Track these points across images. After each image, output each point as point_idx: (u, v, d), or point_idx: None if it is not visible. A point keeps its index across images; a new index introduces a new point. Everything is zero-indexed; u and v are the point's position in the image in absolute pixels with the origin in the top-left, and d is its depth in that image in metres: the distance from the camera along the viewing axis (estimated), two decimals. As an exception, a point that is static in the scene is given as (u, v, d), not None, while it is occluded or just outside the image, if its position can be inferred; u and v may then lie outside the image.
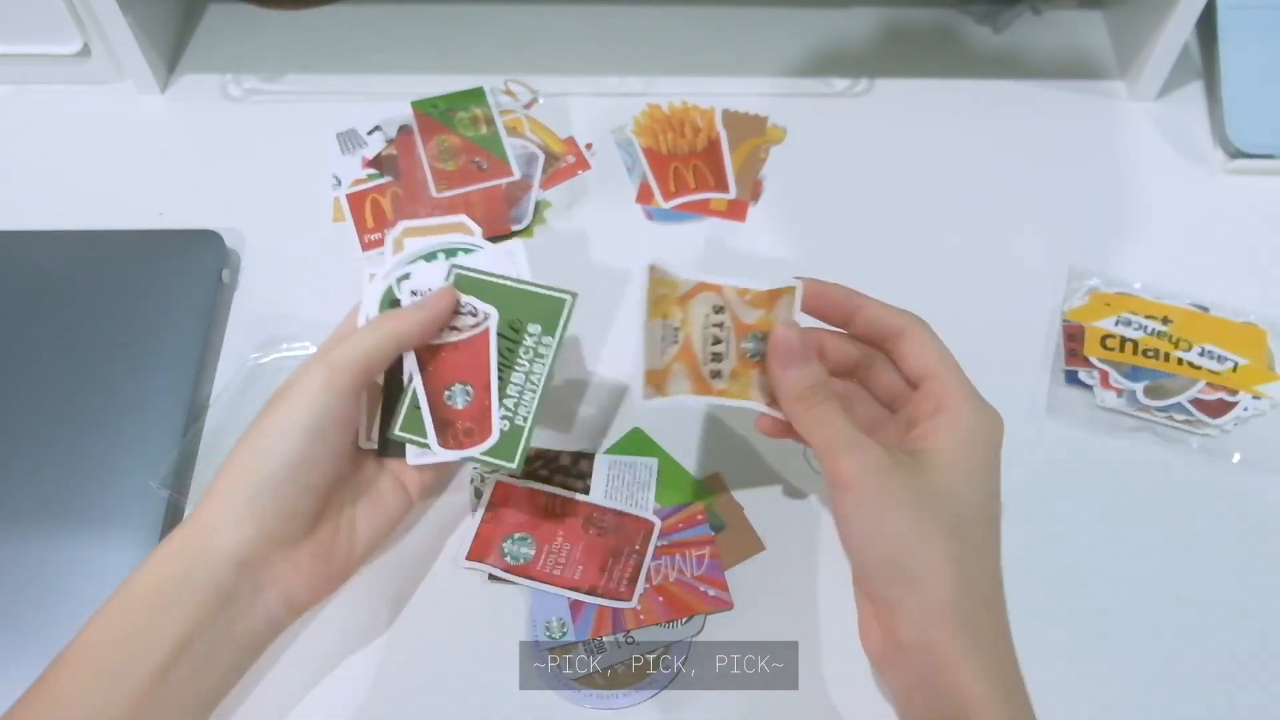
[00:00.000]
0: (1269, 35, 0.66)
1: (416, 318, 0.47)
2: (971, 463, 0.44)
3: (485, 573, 0.51)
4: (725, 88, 0.69)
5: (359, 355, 0.45)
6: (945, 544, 0.41)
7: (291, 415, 0.44)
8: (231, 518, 0.42)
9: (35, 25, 0.65)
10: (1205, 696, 0.48)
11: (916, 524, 0.42)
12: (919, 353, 0.46)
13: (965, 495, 0.43)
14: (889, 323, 0.47)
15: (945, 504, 0.42)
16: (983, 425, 0.44)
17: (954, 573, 0.41)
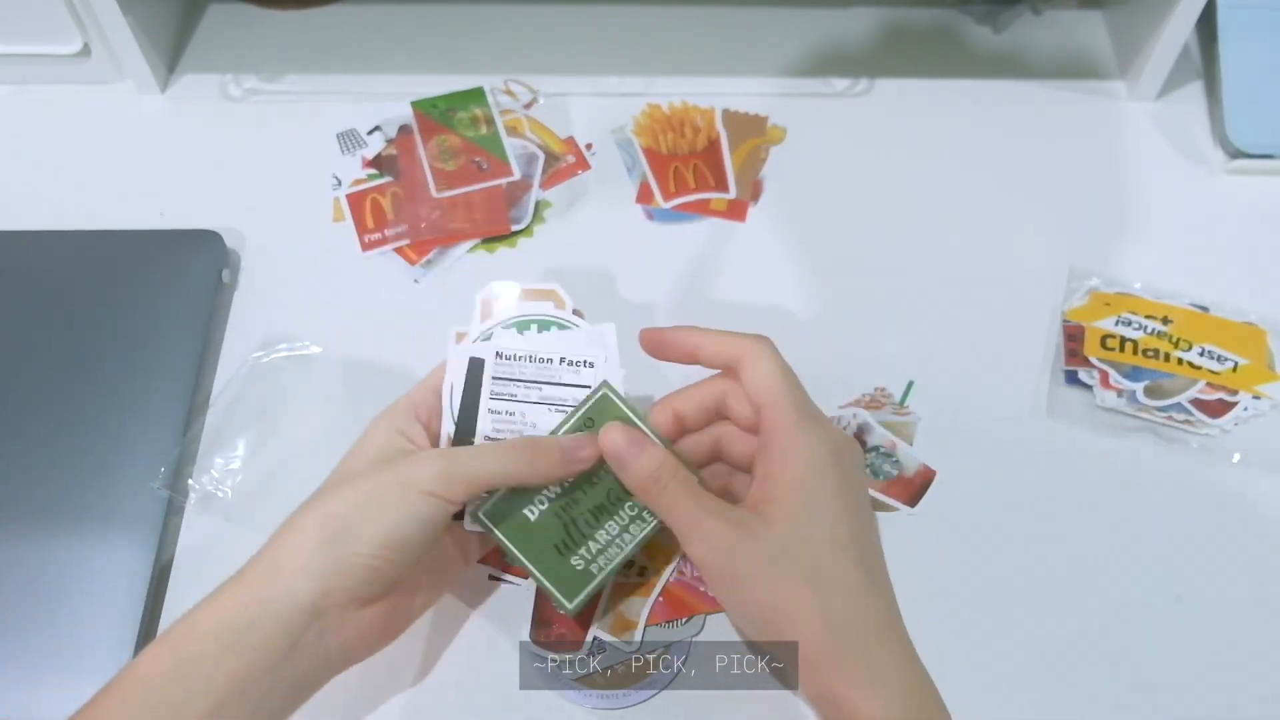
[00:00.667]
0: (1269, 35, 0.66)
1: (558, 474, 0.45)
2: (810, 496, 0.43)
3: (485, 573, 0.51)
4: (725, 88, 0.69)
5: (484, 479, 0.44)
6: (802, 596, 0.41)
7: (407, 500, 0.42)
8: (317, 569, 0.41)
9: (35, 25, 0.65)
10: (1206, 696, 0.48)
11: (768, 587, 0.41)
12: (755, 379, 0.45)
13: (811, 535, 0.42)
14: (728, 353, 0.46)
15: (792, 554, 0.42)
16: (814, 450, 0.43)
17: (820, 621, 0.41)
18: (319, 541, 0.42)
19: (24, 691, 0.47)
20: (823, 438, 0.44)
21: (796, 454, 0.43)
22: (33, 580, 0.50)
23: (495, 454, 0.44)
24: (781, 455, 0.43)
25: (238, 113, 0.69)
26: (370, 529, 0.42)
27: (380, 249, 0.62)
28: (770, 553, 0.42)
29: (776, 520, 0.42)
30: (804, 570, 0.42)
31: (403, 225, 0.63)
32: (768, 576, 0.42)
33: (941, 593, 0.51)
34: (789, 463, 0.43)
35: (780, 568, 0.41)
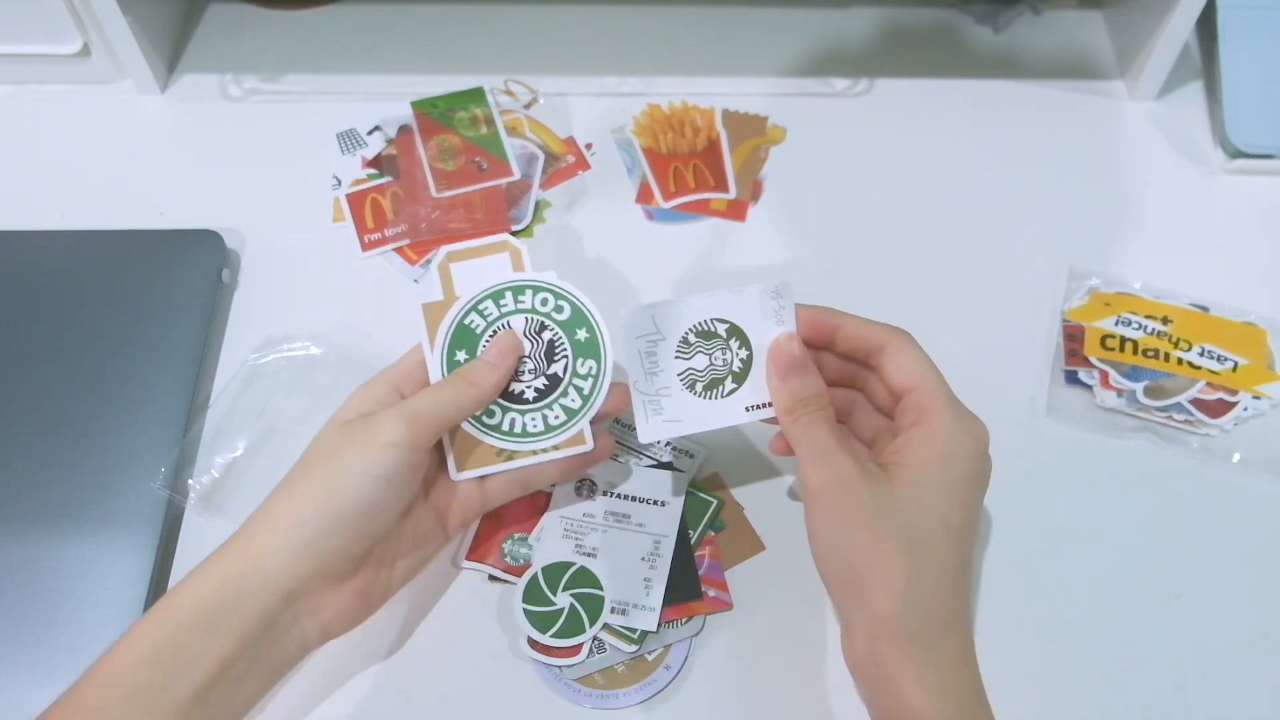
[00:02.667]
0: (1269, 35, 0.66)
1: (494, 380, 0.47)
2: (942, 475, 0.43)
3: (485, 573, 0.51)
4: (725, 88, 0.69)
5: (441, 415, 0.45)
6: (898, 559, 0.42)
7: (370, 459, 0.43)
8: (290, 551, 0.42)
9: (35, 25, 0.65)
10: (1206, 696, 0.48)
11: (870, 538, 0.42)
12: (899, 366, 0.46)
13: (929, 509, 0.43)
14: (871, 339, 0.47)
15: (905, 518, 0.42)
16: (960, 438, 0.44)
17: (904, 589, 0.41)
18: (290, 522, 0.42)
19: (24, 691, 0.47)
20: (973, 433, 0.45)
21: (945, 433, 0.44)
22: (33, 580, 0.50)
23: (444, 391, 0.46)
24: (929, 428, 0.44)
25: (238, 113, 0.69)
26: (337, 502, 0.43)
27: (380, 249, 0.62)
28: (884, 507, 0.42)
29: (902, 482, 0.43)
30: (907, 538, 0.42)
31: (403, 225, 0.63)
32: (871, 528, 0.42)
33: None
34: (935, 437, 0.44)
35: (888, 525, 0.42)
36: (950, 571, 0.43)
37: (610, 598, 0.49)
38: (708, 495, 0.53)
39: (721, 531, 0.52)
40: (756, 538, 0.52)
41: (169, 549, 0.52)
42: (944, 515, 0.43)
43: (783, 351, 0.46)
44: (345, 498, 0.43)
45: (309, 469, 0.44)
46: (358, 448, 0.43)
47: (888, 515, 0.42)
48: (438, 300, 0.49)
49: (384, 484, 0.43)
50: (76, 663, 0.42)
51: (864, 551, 0.42)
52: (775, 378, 0.46)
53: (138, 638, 0.41)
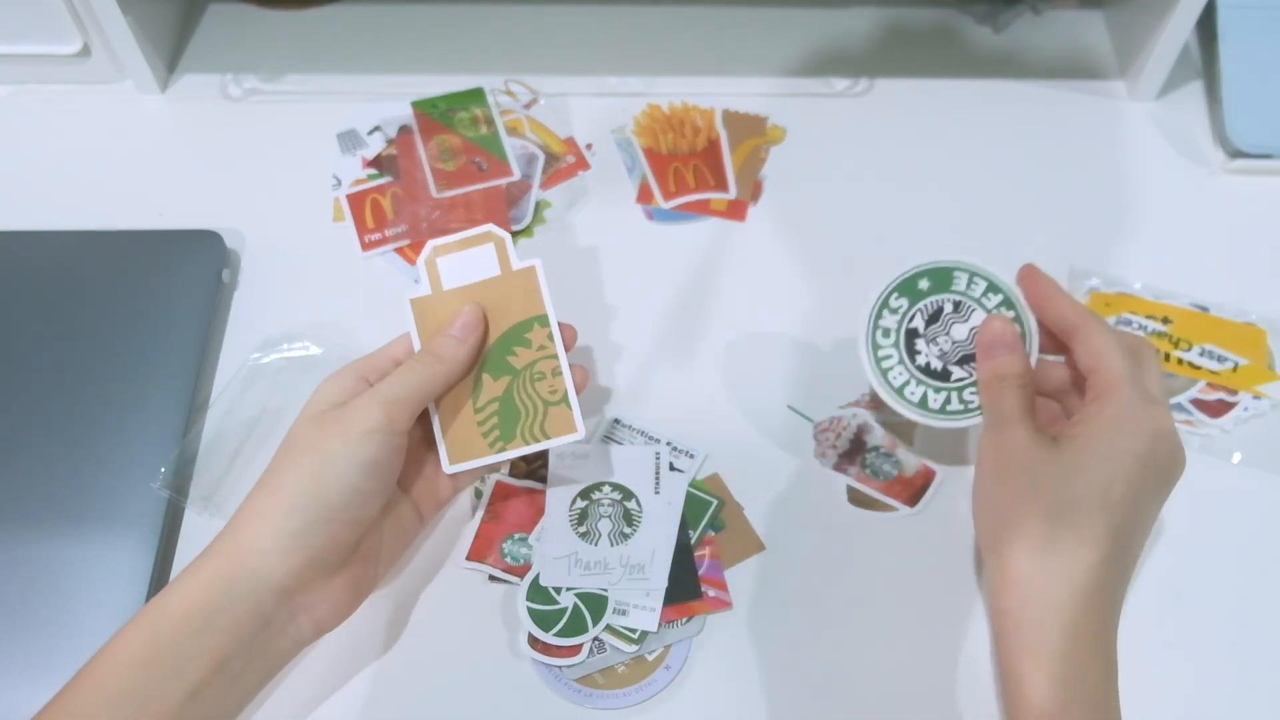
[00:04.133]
0: (1269, 35, 0.66)
1: (463, 354, 0.48)
2: (1108, 447, 0.44)
3: (485, 573, 0.51)
4: (725, 88, 0.69)
5: (414, 395, 0.46)
6: (1038, 521, 0.43)
7: (352, 448, 0.43)
8: (280, 546, 0.42)
9: (35, 25, 0.65)
10: (1205, 697, 0.48)
11: (1019, 498, 0.44)
12: (1091, 346, 0.47)
13: (1087, 478, 0.43)
14: (1067, 317, 0.48)
15: (1057, 483, 0.43)
16: (1135, 414, 0.44)
17: (1038, 551, 0.43)
18: (280, 516, 0.42)
19: (24, 691, 0.47)
20: (1152, 414, 0.45)
21: (1119, 406, 0.44)
22: (33, 580, 0.50)
23: (408, 369, 0.46)
24: (1106, 402, 0.45)
25: (238, 113, 0.69)
26: (325, 493, 0.43)
27: (380, 249, 0.62)
28: (1041, 472, 0.44)
29: (1067, 451, 0.44)
30: (1057, 501, 0.43)
31: (403, 225, 0.63)
32: (1023, 490, 0.44)
33: (941, 593, 0.51)
34: (1108, 409, 0.44)
35: (1038, 488, 0.44)
36: (1091, 542, 0.43)
37: (612, 598, 0.49)
38: (708, 495, 0.53)
39: (721, 531, 0.52)
40: (756, 538, 0.52)
41: (169, 549, 0.52)
42: (1102, 486, 0.43)
43: (990, 330, 0.48)
44: (332, 488, 0.43)
45: (291, 463, 0.44)
46: (338, 438, 0.44)
47: (1040, 478, 0.44)
48: (425, 295, 0.49)
49: (370, 470, 0.44)
50: (76, 663, 0.42)
51: (1010, 510, 0.44)
52: (980, 353, 0.48)
53: (129, 639, 0.40)
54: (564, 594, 0.50)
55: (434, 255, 0.50)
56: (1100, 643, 0.43)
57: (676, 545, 0.51)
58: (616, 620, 0.49)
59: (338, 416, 0.44)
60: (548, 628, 0.49)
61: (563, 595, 0.50)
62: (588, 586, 0.50)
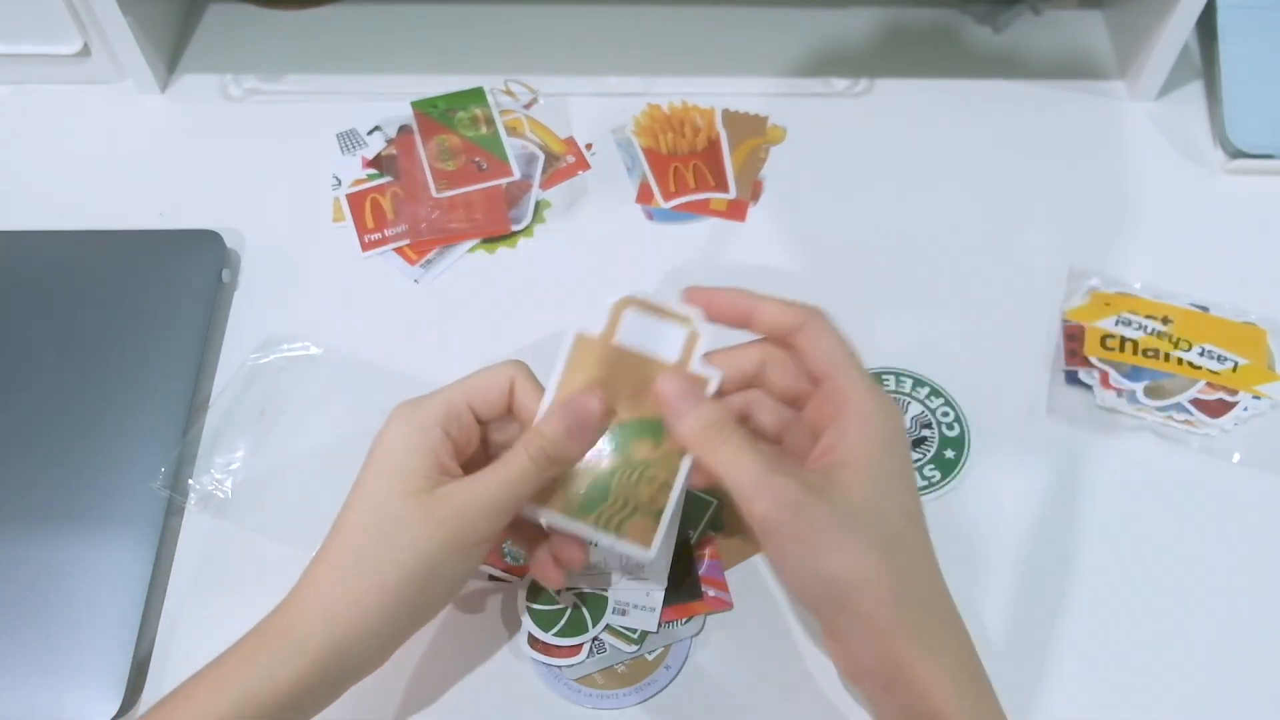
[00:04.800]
0: (1269, 35, 0.66)
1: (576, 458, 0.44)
2: (884, 466, 0.42)
3: (485, 573, 0.51)
4: (725, 88, 0.69)
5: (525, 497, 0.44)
6: (879, 564, 0.40)
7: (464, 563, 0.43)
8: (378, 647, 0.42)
9: (35, 25, 0.65)
10: (1205, 697, 0.48)
11: (843, 553, 0.40)
12: (816, 348, 0.43)
13: (886, 504, 0.41)
14: (786, 320, 0.44)
15: (868, 524, 0.41)
16: (884, 421, 0.42)
17: (892, 592, 0.40)
18: (382, 614, 0.41)
19: (24, 691, 0.47)
20: (891, 410, 0.43)
21: (871, 423, 0.42)
22: (33, 580, 0.50)
23: (520, 471, 0.43)
24: (855, 423, 0.42)
25: (238, 113, 0.69)
26: (433, 594, 0.43)
27: (380, 249, 0.62)
28: (845, 517, 0.40)
29: (851, 486, 0.41)
30: (880, 538, 0.41)
31: (403, 225, 0.63)
32: (841, 542, 0.40)
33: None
34: (864, 431, 0.42)
35: (855, 533, 0.40)
36: (925, 556, 0.43)
37: (612, 598, 0.49)
38: (707, 495, 0.53)
39: (721, 531, 0.52)
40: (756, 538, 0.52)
41: (169, 549, 0.52)
42: (901, 504, 0.42)
43: (663, 391, 0.43)
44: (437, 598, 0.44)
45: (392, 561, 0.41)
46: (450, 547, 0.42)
47: (850, 524, 0.40)
48: (593, 336, 0.45)
49: (474, 572, 0.44)
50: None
51: (838, 567, 0.40)
52: (670, 420, 0.43)
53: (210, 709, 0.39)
54: (564, 594, 0.50)
55: (625, 304, 0.45)
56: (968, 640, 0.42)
57: (676, 545, 0.51)
58: (616, 620, 0.49)
59: (441, 514, 0.42)
60: (548, 628, 0.49)
61: (563, 595, 0.50)
62: (588, 586, 0.50)
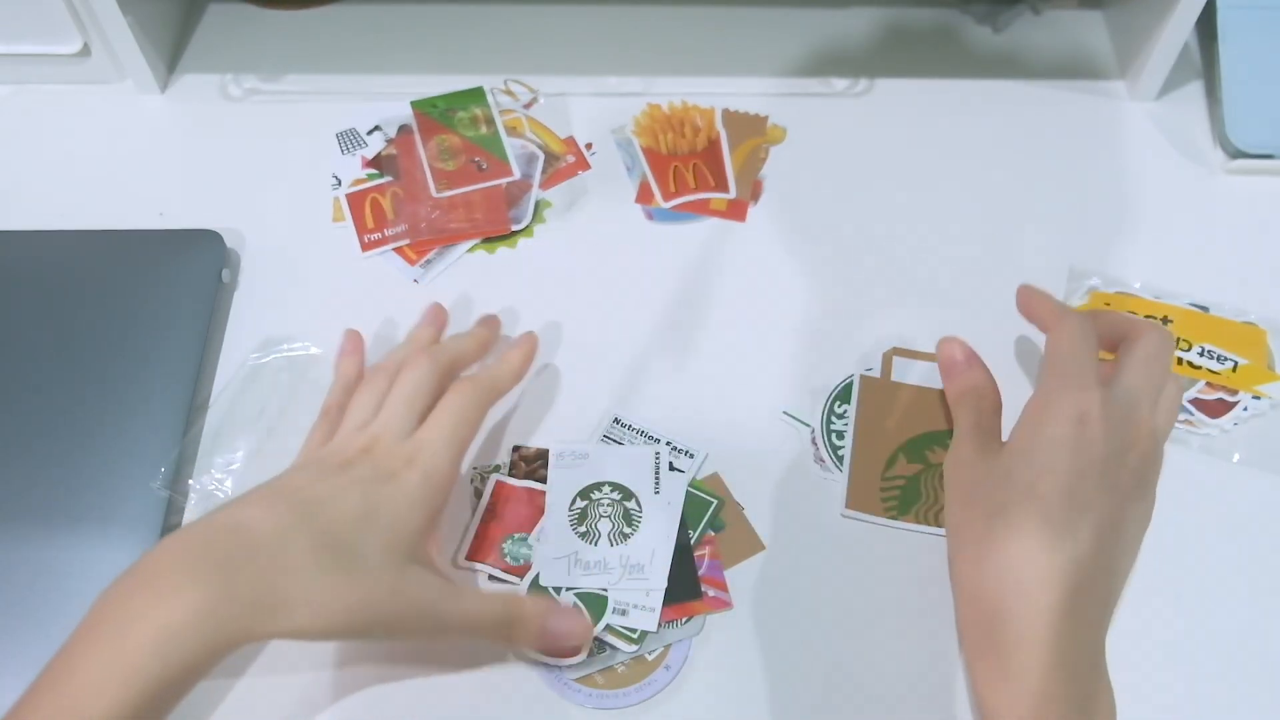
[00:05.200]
0: (1269, 35, 0.66)
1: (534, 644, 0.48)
2: (1029, 443, 0.46)
3: (485, 573, 0.51)
4: (725, 88, 0.69)
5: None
6: (977, 528, 0.45)
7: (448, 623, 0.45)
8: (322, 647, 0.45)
9: (35, 25, 0.65)
10: (1205, 697, 0.48)
11: (964, 509, 0.47)
12: (1049, 342, 0.50)
13: (1015, 477, 0.45)
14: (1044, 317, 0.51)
15: (990, 488, 0.46)
16: (1054, 402, 0.46)
17: (980, 557, 0.45)
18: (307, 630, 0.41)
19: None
20: (1071, 397, 0.46)
21: (1040, 400, 0.47)
22: (33, 580, 0.50)
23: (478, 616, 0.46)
24: (1033, 398, 0.48)
25: (238, 113, 0.69)
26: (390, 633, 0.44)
27: (380, 249, 0.62)
28: (979, 480, 0.47)
29: (1002, 454, 0.47)
30: (991, 506, 0.45)
31: (403, 225, 0.63)
32: (966, 500, 0.47)
33: (943, 592, 0.50)
34: (1032, 405, 0.47)
35: (976, 495, 0.46)
36: (1024, 535, 0.43)
37: (612, 598, 0.49)
38: (708, 495, 0.53)
39: (721, 531, 0.52)
40: (757, 537, 0.52)
41: (169, 549, 0.52)
42: (1029, 482, 0.44)
43: (944, 352, 0.53)
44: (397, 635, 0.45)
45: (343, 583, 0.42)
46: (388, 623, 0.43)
47: (978, 486, 0.46)
48: (875, 377, 0.57)
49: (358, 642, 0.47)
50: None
51: (959, 521, 0.47)
52: (942, 376, 0.53)
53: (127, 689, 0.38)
54: (564, 594, 0.50)
55: (892, 353, 0.57)
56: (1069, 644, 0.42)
57: (676, 545, 0.51)
58: (616, 620, 0.49)
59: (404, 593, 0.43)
60: None
61: (563, 595, 0.50)
62: (588, 586, 0.50)
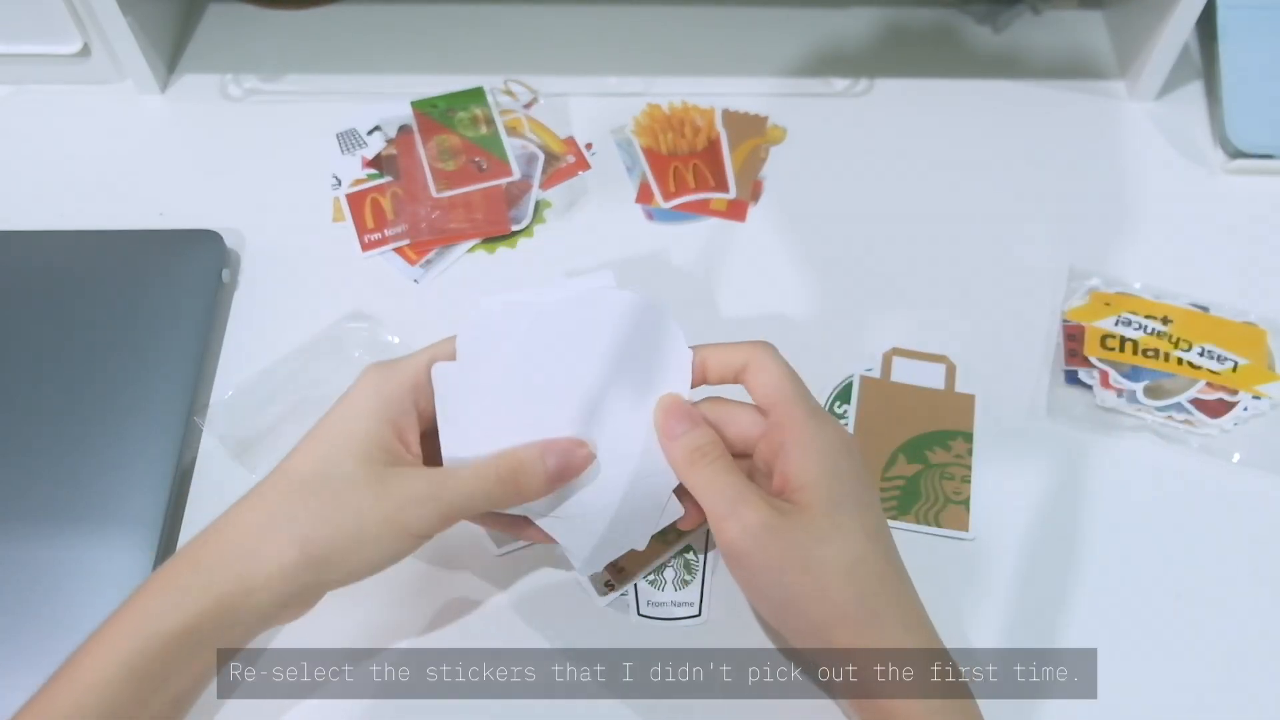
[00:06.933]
0: (1269, 35, 0.66)
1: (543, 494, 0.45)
2: (835, 488, 0.42)
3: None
4: (725, 88, 0.69)
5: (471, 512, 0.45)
6: (844, 588, 0.41)
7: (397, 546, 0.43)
8: (289, 592, 0.41)
9: (35, 25, 0.65)
10: (1205, 696, 0.48)
11: (809, 579, 0.41)
12: (761, 382, 0.45)
13: (850, 525, 0.42)
14: (732, 361, 0.46)
15: (835, 546, 0.41)
16: (827, 443, 0.43)
17: (862, 612, 0.41)
18: (296, 566, 0.41)
19: (23, 692, 0.47)
20: (835, 432, 0.44)
21: (816, 447, 0.43)
22: (33, 580, 0.50)
23: (485, 487, 0.43)
24: (801, 449, 0.43)
25: (238, 113, 0.69)
26: (353, 562, 0.42)
27: (380, 249, 0.62)
28: (810, 540, 0.41)
29: (812, 508, 0.42)
30: (846, 559, 0.41)
31: (403, 225, 0.63)
32: (808, 565, 0.41)
33: (940, 591, 0.50)
34: (810, 456, 0.43)
35: (822, 555, 0.41)
36: (892, 575, 0.42)
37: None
38: None
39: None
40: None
41: (169, 549, 0.52)
42: (859, 524, 0.42)
43: (660, 412, 0.45)
44: (360, 563, 0.42)
45: (327, 518, 0.41)
46: (388, 527, 0.42)
47: (816, 547, 0.41)
48: (875, 378, 0.56)
49: (398, 559, 0.43)
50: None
51: (807, 588, 0.41)
52: (664, 438, 0.45)
53: (116, 652, 0.40)
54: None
55: (892, 353, 0.56)
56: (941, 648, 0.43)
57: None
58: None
59: (392, 489, 0.42)
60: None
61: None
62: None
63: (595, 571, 0.49)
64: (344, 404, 0.44)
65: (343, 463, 0.42)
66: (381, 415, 0.43)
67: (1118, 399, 0.56)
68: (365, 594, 0.49)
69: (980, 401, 0.56)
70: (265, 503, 0.42)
